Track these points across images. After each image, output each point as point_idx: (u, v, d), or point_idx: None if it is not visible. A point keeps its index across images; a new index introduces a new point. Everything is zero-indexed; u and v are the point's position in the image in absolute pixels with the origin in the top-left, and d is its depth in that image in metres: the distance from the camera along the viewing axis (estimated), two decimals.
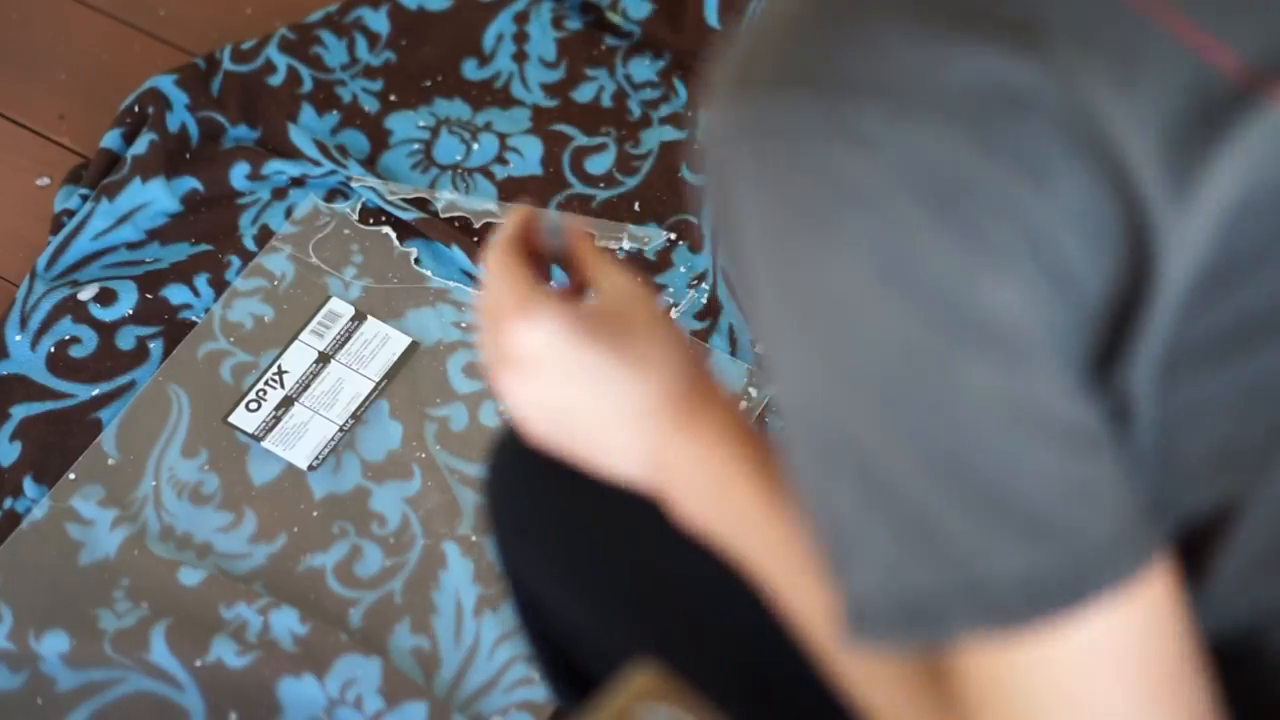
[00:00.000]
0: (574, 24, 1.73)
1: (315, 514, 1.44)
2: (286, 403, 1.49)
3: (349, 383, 1.50)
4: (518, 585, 0.93)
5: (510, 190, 1.62)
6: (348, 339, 1.53)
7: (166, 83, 1.66)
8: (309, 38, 1.71)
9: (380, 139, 1.66)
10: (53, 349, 1.52)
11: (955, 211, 0.56)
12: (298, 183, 1.62)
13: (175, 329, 1.54)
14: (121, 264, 1.57)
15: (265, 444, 1.47)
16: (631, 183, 1.62)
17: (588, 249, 0.77)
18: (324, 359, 1.52)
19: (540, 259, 0.77)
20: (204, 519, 1.43)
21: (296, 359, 1.52)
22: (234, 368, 1.52)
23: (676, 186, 1.62)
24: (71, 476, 1.45)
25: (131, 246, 1.59)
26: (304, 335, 1.53)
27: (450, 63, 1.71)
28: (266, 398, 1.49)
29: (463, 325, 1.54)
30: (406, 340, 1.52)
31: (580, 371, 0.72)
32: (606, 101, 1.68)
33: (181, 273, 1.57)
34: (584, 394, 0.72)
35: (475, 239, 1.58)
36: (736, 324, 1.53)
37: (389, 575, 1.41)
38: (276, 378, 1.50)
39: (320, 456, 1.46)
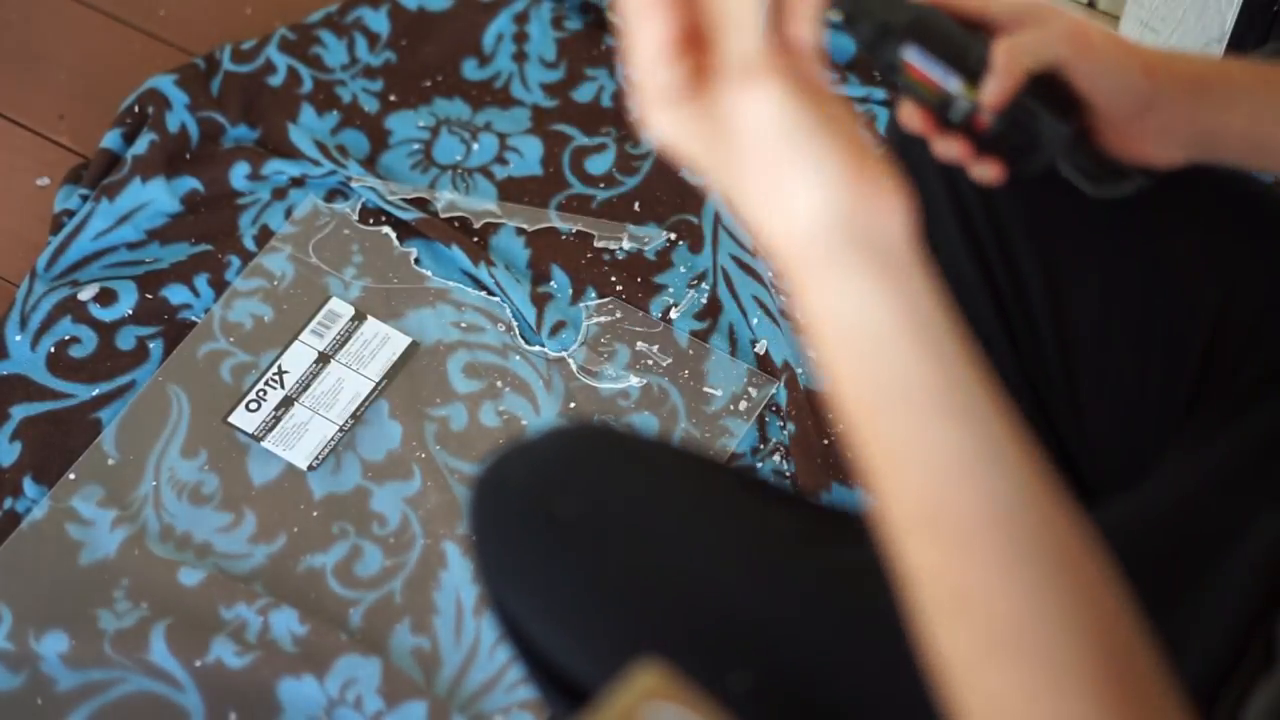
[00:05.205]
0: (574, 24, 1.73)
1: (315, 514, 1.44)
2: (286, 403, 1.49)
3: (349, 383, 1.50)
4: (504, 616, 0.92)
5: (510, 190, 1.62)
6: (348, 339, 1.53)
7: (166, 83, 1.66)
8: (309, 38, 1.71)
9: (380, 139, 1.66)
10: (53, 349, 1.52)
11: None
12: (298, 183, 1.62)
13: (175, 329, 1.54)
14: (121, 264, 1.57)
15: (265, 444, 1.47)
16: (631, 183, 1.62)
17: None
18: (324, 359, 1.52)
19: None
20: (204, 519, 1.43)
21: (296, 359, 1.51)
22: (234, 368, 1.52)
23: (676, 186, 1.62)
24: (71, 476, 1.45)
25: (131, 246, 1.58)
26: (304, 335, 1.53)
27: (450, 63, 1.71)
28: (266, 398, 1.49)
29: (463, 325, 1.54)
30: (406, 340, 1.52)
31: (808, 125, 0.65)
32: (606, 101, 1.68)
33: (181, 273, 1.56)
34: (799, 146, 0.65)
35: (475, 239, 1.58)
36: (736, 324, 1.53)
37: (389, 575, 1.41)
38: (276, 378, 1.50)
39: (320, 456, 1.46)
